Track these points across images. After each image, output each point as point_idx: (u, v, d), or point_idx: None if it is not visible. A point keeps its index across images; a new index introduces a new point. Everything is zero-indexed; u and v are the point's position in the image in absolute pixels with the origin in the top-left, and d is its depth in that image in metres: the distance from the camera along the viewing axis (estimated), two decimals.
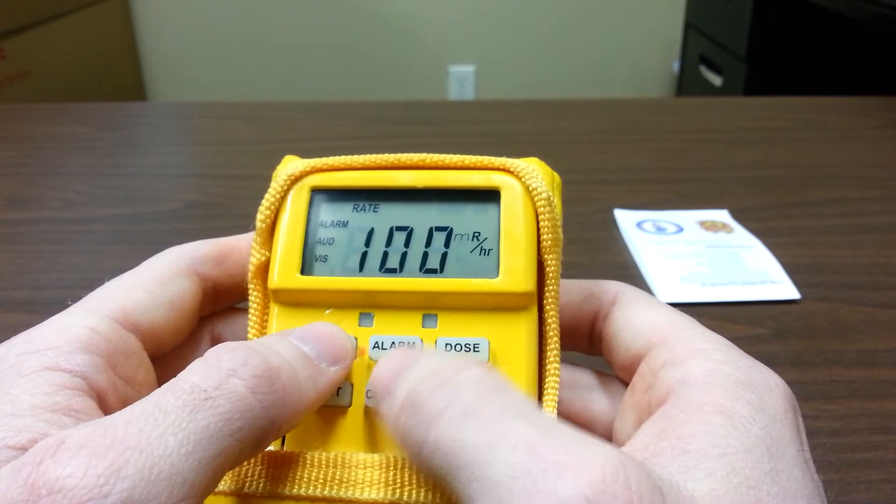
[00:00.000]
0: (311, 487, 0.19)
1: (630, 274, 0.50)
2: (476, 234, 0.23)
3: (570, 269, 0.24)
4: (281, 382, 0.18)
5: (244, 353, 0.18)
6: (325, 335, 0.21)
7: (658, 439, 0.18)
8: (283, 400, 0.18)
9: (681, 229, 0.55)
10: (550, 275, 0.23)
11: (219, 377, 0.17)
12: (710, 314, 0.45)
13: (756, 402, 0.18)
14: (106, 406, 0.20)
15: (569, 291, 0.24)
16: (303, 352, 0.20)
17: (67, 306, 0.21)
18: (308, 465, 0.20)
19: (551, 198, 0.23)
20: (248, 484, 0.20)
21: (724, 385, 0.19)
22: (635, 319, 0.23)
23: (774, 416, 0.18)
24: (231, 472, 0.20)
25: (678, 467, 0.17)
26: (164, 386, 0.17)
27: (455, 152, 0.24)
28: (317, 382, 0.20)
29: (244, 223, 0.24)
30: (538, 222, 0.23)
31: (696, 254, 0.51)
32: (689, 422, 0.18)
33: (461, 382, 0.17)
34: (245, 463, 0.20)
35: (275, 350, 0.19)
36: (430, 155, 0.24)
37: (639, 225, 0.56)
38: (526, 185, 0.23)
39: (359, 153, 0.24)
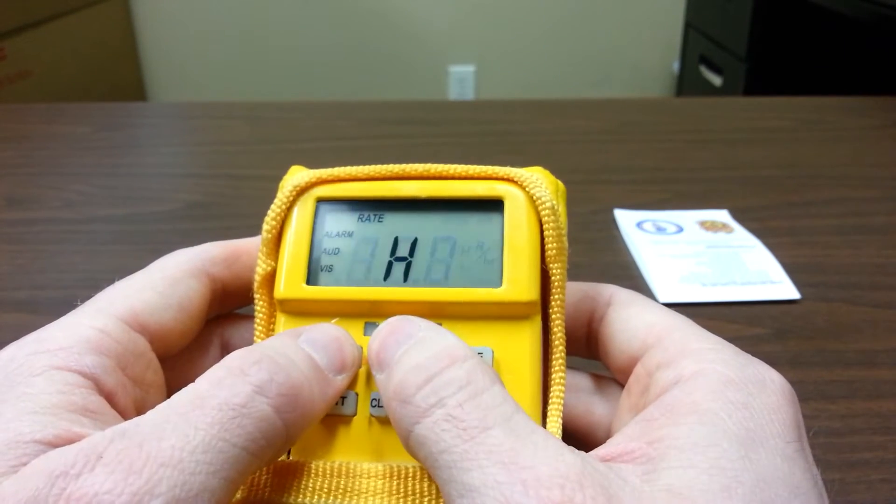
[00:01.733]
0: (317, 497, 0.19)
1: (630, 274, 0.50)
2: (480, 244, 0.23)
3: (570, 270, 0.24)
4: (301, 399, 0.19)
5: (269, 368, 0.18)
6: (334, 341, 0.21)
7: (631, 440, 0.18)
8: (302, 417, 0.19)
9: (681, 229, 0.55)
10: (556, 284, 0.23)
11: (245, 395, 0.18)
12: (709, 314, 0.45)
13: (740, 399, 0.18)
14: (115, 406, 0.20)
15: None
16: (314, 362, 0.20)
17: (76, 306, 0.22)
18: (313, 475, 0.20)
19: (555, 207, 0.23)
20: (254, 493, 0.20)
21: (710, 385, 0.19)
22: (630, 321, 0.23)
23: (760, 411, 0.18)
24: None
25: (641, 473, 0.17)
26: (192, 398, 0.17)
27: (455, 152, 0.24)
28: (326, 394, 0.20)
29: (244, 223, 0.24)
30: (542, 231, 0.23)
31: (696, 254, 0.51)
32: (664, 426, 0.18)
33: (449, 381, 0.18)
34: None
35: (294, 362, 0.19)
36: (435, 165, 0.24)
37: (639, 225, 0.56)
38: (529, 194, 0.23)
39: (358, 153, 0.24)
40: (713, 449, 0.17)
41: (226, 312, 0.26)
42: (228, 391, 0.17)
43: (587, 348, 0.25)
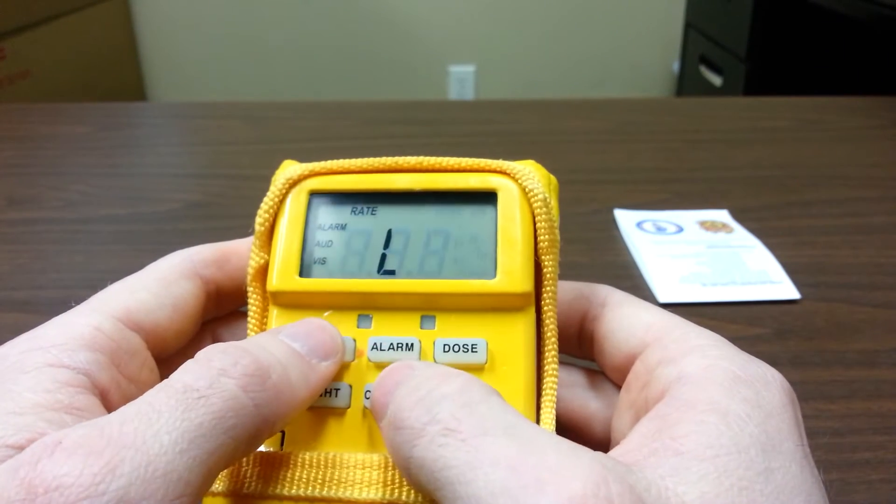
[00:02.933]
0: (308, 487, 0.20)
1: (630, 274, 0.50)
2: (473, 236, 0.23)
3: (570, 269, 0.24)
4: (272, 381, 0.18)
5: (234, 353, 0.18)
6: (316, 330, 0.21)
7: (652, 439, 0.18)
8: (276, 397, 0.18)
9: (681, 229, 0.55)
10: (548, 276, 0.23)
11: (210, 377, 0.17)
12: (709, 314, 0.45)
13: (752, 397, 0.18)
14: (109, 404, 0.20)
15: (558, 292, 0.24)
16: (293, 349, 0.20)
17: (71, 307, 0.22)
18: (304, 466, 0.20)
19: (548, 199, 0.23)
20: (244, 485, 0.20)
21: (720, 381, 0.19)
22: (627, 320, 0.23)
23: (771, 411, 0.18)
24: (227, 472, 0.20)
25: (670, 469, 0.17)
26: (158, 386, 0.17)
27: (455, 152, 0.24)
28: (308, 379, 0.20)
29: (244, 223, 0.24)
30: (535, 224, 0.23)
31: (696, 254, 0.51)
32: (683, 421, 0.18)
33: (441, 397, 0.17)
34: (241, 464, 0.20)
35: (265, 348, 0.19)
36: (428, 158, 0.24)
37: (639, 225, 0.56)
38: (522, 186, 0.23)
39: (358, 153, 0.24)
40: (742, 457, 0.17)
41: (222, 314, 0.26)
42: (193, 376, 0.17)
43: (580, 347, 0.25)
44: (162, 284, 0.23)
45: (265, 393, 0.18)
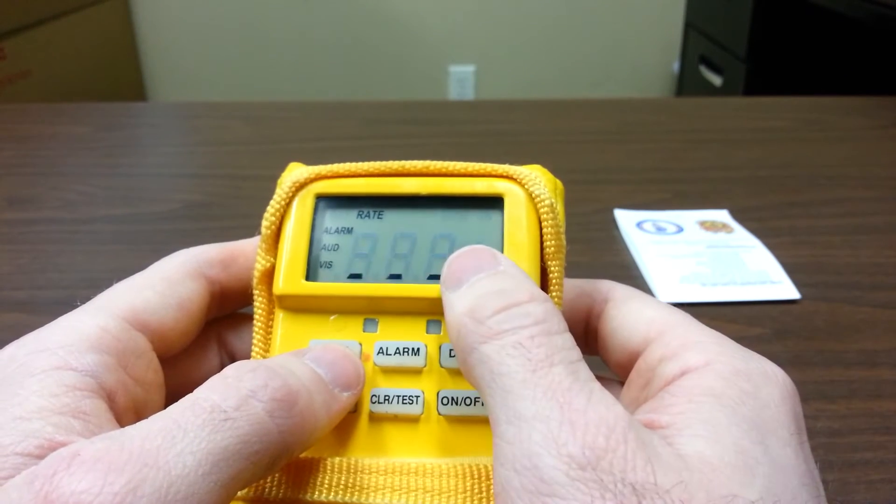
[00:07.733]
0: (327, 493, 0.20)
1: (630, 274, 0.50)
2: (480, 241, 0.23)
3: (571, 269, 0.24)
4: (298, 408, 0.18)
5: (264, 375, 0.18)
6: (340, 359, 0.21)
7: (647, 414, 0.19)
8: (300, 425, 0.18)
9: (681, 229, 0.55)
10: (554, 281, 0.23)
11: (239, 398, 0.17)
12: (709, 314, 0.45)
13: (750, 389, 0.19)
14: (116, 406, 0.20)
15: None
16: (318, 376, 0.20)
17: (76, 306, 0.22)
18: (323, 471, 0.20)
19: (554, 205, 0.23)
20: (262, 488, 0.20)
21: (720, 374, 0.19)
22: (630, 316, 0.23)
23: (768, 402, 0.19)
24: None
25: (662, 436, 0.17)
26: (182, 402, 0.17)
27: (455, 152, 0.24)
28: (330, 408, 0.20)
29: (244, 223, 0.24)
30: (541, 229, 0.23)
31: (696, 254, 0.51)
32: (676, 404, 0.19)
33: (527, 314, 0.18)
34: None
35: (293, 372, 0.19)
36: (434, 162, 0.24)
37: (639, 225, 0.56)
38: (529, 192, 0.23)
39: (359, 153, 0.25)
40: (735, 429, 0.17)
41: (225, 314, 0.26)
42: (221, 395, 0.17)
43: (586, 345, 0.25)
44: (167, 284, 0.23)
45: (291, 420, 0.18)
